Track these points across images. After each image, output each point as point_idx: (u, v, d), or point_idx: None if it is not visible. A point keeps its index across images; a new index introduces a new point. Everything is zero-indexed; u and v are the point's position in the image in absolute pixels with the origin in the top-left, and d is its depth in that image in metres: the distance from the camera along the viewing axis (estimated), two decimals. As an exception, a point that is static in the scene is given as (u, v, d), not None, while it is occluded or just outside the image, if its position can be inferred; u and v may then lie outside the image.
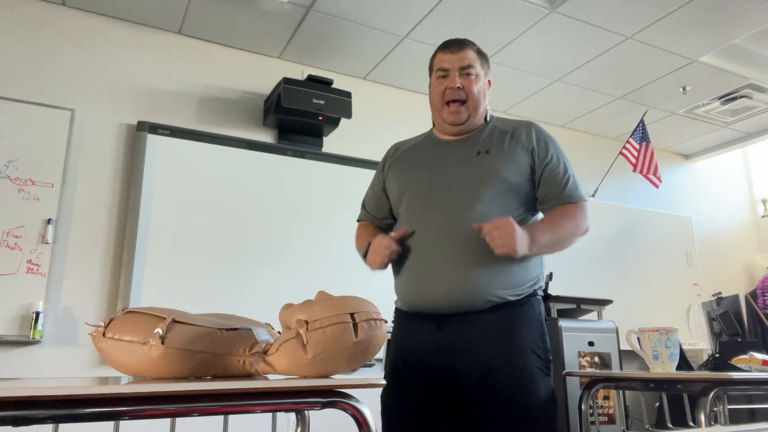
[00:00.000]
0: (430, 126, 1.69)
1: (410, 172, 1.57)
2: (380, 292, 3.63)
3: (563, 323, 3.15)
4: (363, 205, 1.75)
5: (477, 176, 1.46)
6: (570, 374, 1.99)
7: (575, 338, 3.15)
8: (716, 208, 5.24)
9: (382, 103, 3.90)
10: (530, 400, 1.36)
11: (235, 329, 1.06)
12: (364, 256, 1.57)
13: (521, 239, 1.36)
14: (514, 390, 1.35)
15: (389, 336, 1.62)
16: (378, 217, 1.70)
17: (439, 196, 1.48)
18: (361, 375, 2.24)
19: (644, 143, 4.18)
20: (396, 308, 1.58)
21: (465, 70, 1.52)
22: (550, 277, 1.55)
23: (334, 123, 3.41)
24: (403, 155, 1.64)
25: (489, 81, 1.62)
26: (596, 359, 3.18)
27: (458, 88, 1.51)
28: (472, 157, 1.50)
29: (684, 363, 3.89)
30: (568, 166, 1.53)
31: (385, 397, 1.50)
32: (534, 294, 1.48)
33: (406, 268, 1.50)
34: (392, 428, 1.47)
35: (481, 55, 1.58)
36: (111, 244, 2.94)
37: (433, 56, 1.60)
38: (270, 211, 3.30)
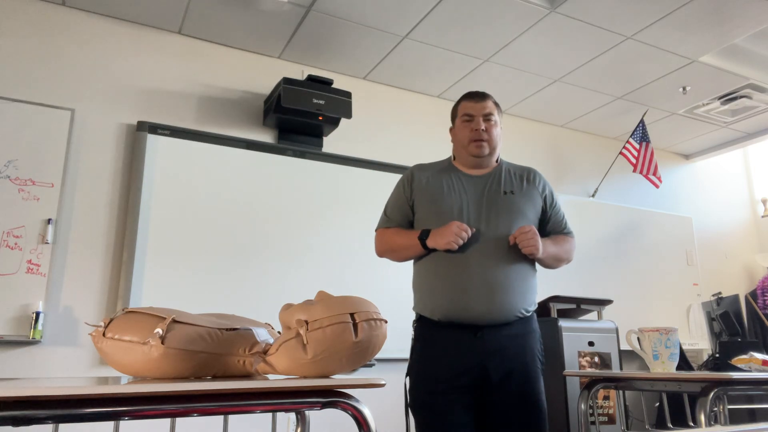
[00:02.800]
0: (447, 152, 2.01)
1: (445, 198, 1.84)
2: (380, 293, 3.63)
3: (563, 323, 3.15)
4: (387, 215, 1.96)
5: (507, 212, 1.80)
6: (570, 374, 1.99)
7: (575, 338, 3.15)
8: (716, 208, 5.24)
9: (382, 103, 3.90)
10: (536, 395, 1.74)
11: (235, 329, 1.06)
12: (423, 238, 1.78)
13: (540, 244, 1.75)
14: (526, 388, 1.72)
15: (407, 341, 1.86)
16: (404, 226, 1.92)
17: (480, 226, 1.77)
18: (361, 375, 2.24)
19: (644, 143, 4.18)
20: (421, 317, 1.83)
21: (487, 117, 1.86)
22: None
23: (334, 123, 3.41)
24: (432, 180, 1.90)
25: (501, 127, 1.94)
26: (596, 359, 3.18)
27: (483, 130, 1.84)
28: (500, 195, 1.84)
29: (684, 363, 3.89)
30: (562, 208, 1.99)
31: (418, 384, 1.75)
32: (534, 312, 1.85)
33: (445, 287, 1.75)
34: (432, 420, 1.71)
35: (497, 106, 1.92)
36: (111, 244, 2.94)
37: (457, 104, 1.93)
38: (270, 211, 3.30)
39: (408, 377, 1.81)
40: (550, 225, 1.93)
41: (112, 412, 0.80)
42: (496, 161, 1.93)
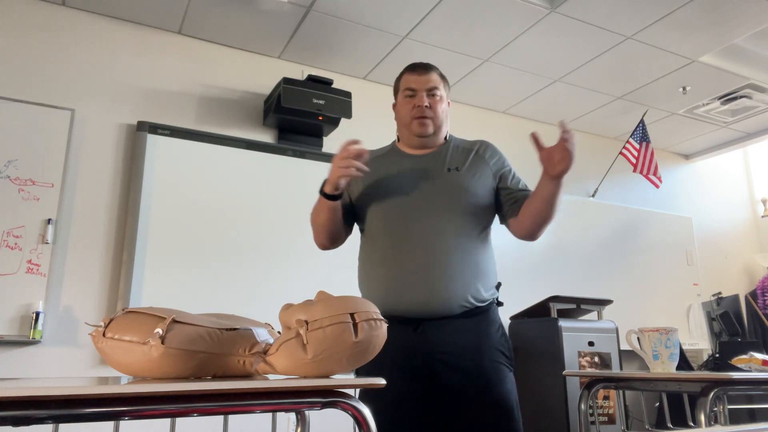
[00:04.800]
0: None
1: (382, 181, 1.66)
2: (380, 292, 3.63)
3: (563, 323, 3.15)
4: None
5: (451, 191, 1.60)
6: (570, 374, 1.98)
7: (575, 338, 3.15)
8: (716, 208, 5.24)
9: (382, 103, 3.90)
10: (500, 392, 1.50)
11: (235, 329, 1.05)
12: (322, 186, 1.60)
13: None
14: (486, 385, 1.49)
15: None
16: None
17: (417, 208, 1.58)
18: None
19: (644, 143, 4.18)
20: None
21: (431, 91, 1.67)
22: (498, 285, 1.70)
23: (334, 123, 3.41)
24: (370, 164, 1.68)
25: (449, 102, 1.76)
26: (596, 359, 3.18)
27: (426, 106, 1.65)
28: (444, 173, 1.63)
29: (684, 363, 3.89)
30: (519, 175, 1.73)
31: (363, 399, 1.52)
32: (493, 301, 1.63)
33: (383, 274, 1.58)
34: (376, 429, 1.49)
35: (443, 78, 1.73)
36: (111, 244, 2.94)
37: (400, 77, 1.73)
38: (270, 211, 3.30)
39: None
40: (509, 195, 1.66)
41: (112, 412, 0.80)
42: (445, 138, 1.73)
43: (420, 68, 1.69)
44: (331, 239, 1.73)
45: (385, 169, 1.68)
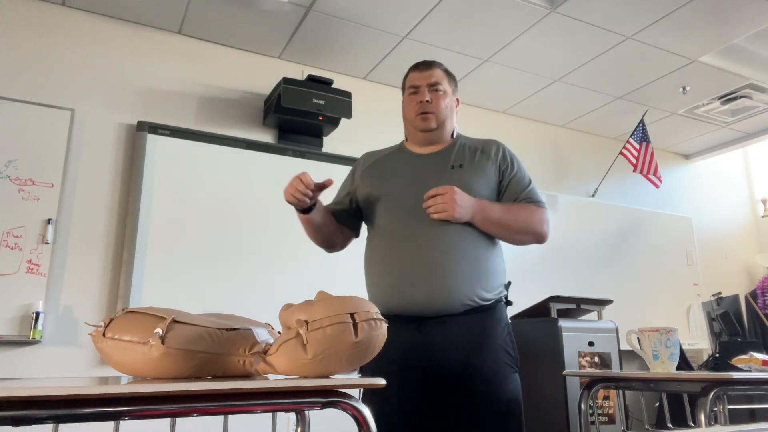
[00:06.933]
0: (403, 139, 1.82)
1: (387, 180, 1.67)
2: (380, 292, 3.63)
3: (563, 323, 3.15)
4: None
5: None
6: (570, 374, 1.99)
7: (575, 338, 3.15)
8: (716, 208, 5.24)
9: (382, 103, 3.90)
10: (503, 393, 1.49)
11: (235, 329, 1.05)
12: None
13: (462, 208, 1.52)
14: (489, 385, 1.48)
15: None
16: (335, 208, 1.78)
17: (419, 206, 1.57)
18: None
19: (644, 143, 4.18)
20: None
21: (433, 87, 1.68)
22: (508, 284, 1.69)
23: (334, 123, 3.41)
24: (377, 163, 1.75)
25: (458, 100, 1.78)
26: (596, 359, 3.18)
27: (427, 101, 1.66)
28: (447, 171, 1.63)
29: (684, 363, 3.89)
30: (530, 180, 1.70)
31: (366, 397, 1.56)
32: (500, 300, 1.62)
33: (385, 272, 1.58)
34: (377, 426, 1.49)
35: (449, 74, 1.75)
36: (111, 244, 2.94)
37: (406, 76, 1.76)
38: (270, 211, 3.30)
39: None
40: (506, 195, 1.66)
41: (112, 412, 0.80)
42: (452, 136, 1.73)
43: (423, 65, 1.72)
44: (326, 245, 1.76)
45: (391, 168, 1.71)
